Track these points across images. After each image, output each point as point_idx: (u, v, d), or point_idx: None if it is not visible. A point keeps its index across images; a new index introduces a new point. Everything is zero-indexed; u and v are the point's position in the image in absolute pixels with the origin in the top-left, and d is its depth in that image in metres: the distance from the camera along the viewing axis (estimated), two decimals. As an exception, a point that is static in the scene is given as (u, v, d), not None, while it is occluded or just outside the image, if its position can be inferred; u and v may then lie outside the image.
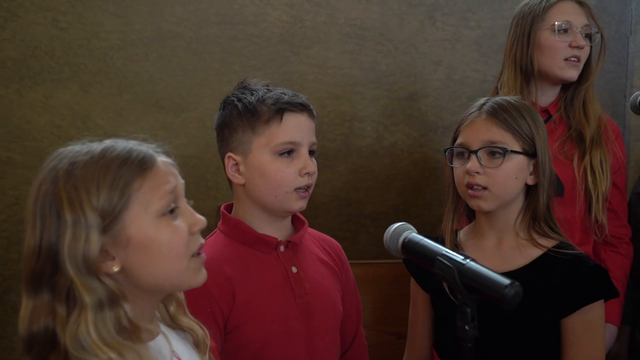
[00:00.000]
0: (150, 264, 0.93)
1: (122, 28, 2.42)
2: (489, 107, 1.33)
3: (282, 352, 1.30)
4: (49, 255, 0.88)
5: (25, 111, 2.41)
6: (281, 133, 1.31)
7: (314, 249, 1.44)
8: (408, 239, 1.11)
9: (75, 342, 0.86)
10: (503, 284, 0.91)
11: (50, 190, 0.90)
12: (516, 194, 1.31)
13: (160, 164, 0.96)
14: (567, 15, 1.67)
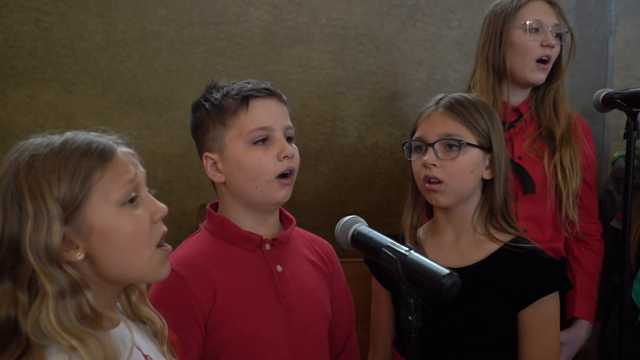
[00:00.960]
0: (113, 253, 0.94)
1: (106, 28, 2.42)
2: (446, 101, 1.35)
3: (264, 354, 1.27)
4: (11, 245, 0.89)
5: (8, 111, 2.42)
6: (250, 120, 1.28)
7: (303, 249, 1.40)
8: (357, 231, 1.12)
9: (37, 329, 0.87)
10: (441, 274, 0.92)
11: (12, 182, 0.91)
12: (473, 188, 1.32)
13: (120, 154, 0.97)
14: (538, 15, 1.68)
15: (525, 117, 1.73)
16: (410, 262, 0.97)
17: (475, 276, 1.29)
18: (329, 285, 1.41)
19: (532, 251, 1.29)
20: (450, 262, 1.32)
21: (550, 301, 1.28)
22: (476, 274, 1.29)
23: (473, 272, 1.30)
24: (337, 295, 1.43)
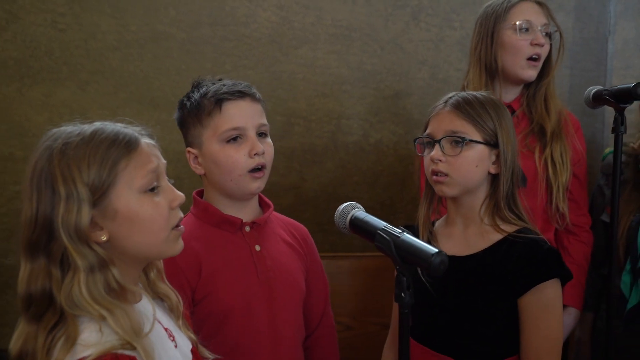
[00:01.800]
0: (134, 234, 1.03)
1: (118, 29, 2.50)
2: (454, 100, 1.41)
3: (243, 324, 1.39)
4: (45, 224, 0.98)
5: (25, 109, 2.50)
6: (223, 121, 1.40)
7: (279, 231, 1.53)
8: (354, 216, 1.20)
9: (70, 300, 0.96)
10: (430, 253, 1.00)
11: (46, 167, 0.99)
12: (478, 181, 1.39)
13: (144, 145, 1.06)
14: (528, 15, 1.75)
15: (517, 113, 1.79)
16: (402, 243, 1.05)
17: (478, 264, 1.36)
18: (304, 263, 1.53)
19: (534, 241, 1.35)
20: (457, 251, 1.40)
21: (549, 288, 1.33)
22: (479, 262, 1.36)
23: (476, 260, 1.36)
24: (311, 273, 1.56)
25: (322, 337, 1.60)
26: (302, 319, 1.52)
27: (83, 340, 0.95)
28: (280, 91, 2.55)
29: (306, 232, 1.60)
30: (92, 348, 0.94)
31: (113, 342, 0.96)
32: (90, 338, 0.96)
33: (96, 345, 0.95)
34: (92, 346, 0.95)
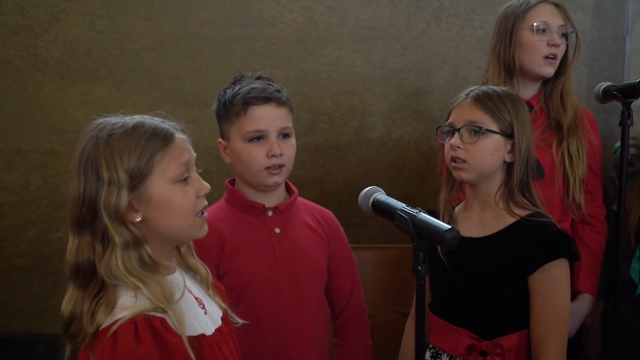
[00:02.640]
0: (165, 218, 1.15)
1: (153, 30, 2.63)
2: (474, 93, 1.51)
3: (262, 298, 1.52)
4: (90, 205, 1.10)
5: (65, 107, 2.65)
6: (247, 123, 1.53)
7: (304, 216, 1.65)
8: (376, 199, 1.31)
9: (108, 272, 1.09)
10: (443, 229, 1.11)
11: (92, 154, 1.11)
12: (493, 168, 1.48)
13: (178, 140, 1.18)
14: (545, 17, 1.82)
15: (535, 109, 1.87)
16: (419, 221, 1.15)
17: (493, 245, 1.46)
18: (326, 247, 1.64)
19: (544, 224, 1.44)
20: (473, 233, 1.50)
21: (557, 267, 1.42)
22: (493, 243, 1.46)
23: (491, 241, 1.46)
24: (337, 256, 1.66)
25: (352, 317, 1.69)
26: (322, 297, 1.63)
27: (120, 304, 1.08)
28: (306, 89, 2.65)
29: (332, 217, 1.71)
30: (127, 310, 1.07)
31: (146, 305, 1.08)
32: (126, 302, 1.08)
33: (131, 308, 1.07)
34: (127, 309, 1.07)
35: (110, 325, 1.06)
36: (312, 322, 1.59)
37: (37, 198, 2.72)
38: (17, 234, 2.72)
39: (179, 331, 1.09)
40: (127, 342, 1.04)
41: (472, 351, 1.46)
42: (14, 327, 2.79)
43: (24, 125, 2.66)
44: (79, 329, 1.08)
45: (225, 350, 1.20)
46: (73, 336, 1.09)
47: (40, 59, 2.62)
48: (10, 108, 2.65)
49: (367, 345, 1.72)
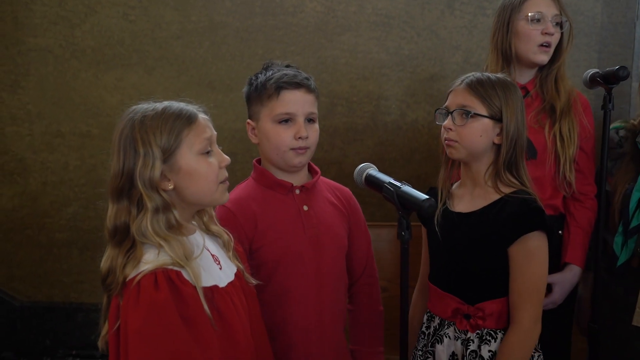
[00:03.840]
0: (192, 185, 1.32)
1: (181, 19, 2.78)
2: (469, 80, 1.62)
3: (292, 271, 1.64)
4: (128, 176, 1.28)
5: (100, 92, 2.84)
6: (279, 106, 1.62)
7: (326, 194, 1.75)
8: (368, 174, 1.46)
9: (139, 231, 1.26)
10: (421, 199, 1.26)
11: (129, 133, 1.29)
12: (483, 148, 1.59)
13: (201, 119, 1.34)
14: (540, 7, 1.91)
15: (531, 93, 1.97)
16: (402, 192, 1.30)
17: (479, 219, 1.58)
18: (346, 221, 1.76)
19: (524, 200, 1.55)
20: (463, 208, 1.62)
21: (533, 239, 1.53)
22: (479, 217, 1.58)
23: (477, 215, 1.59)
24: (354, 230, 1.78)
25: (366, 285, 1.82)
26: (344, 269, 1.75)
27: (145, 259, 1.26)
28: (325, 75, 2.78)
29: (350, 194, 1.82)
30: (150, 264, 1.24)
31: (166, 260, 1.25)
32: (150, 257, 1.26)
33: (153, 262, 1.25)
34: (150, 263, 1.25)
35: (135, 276, 1.23)
36: (335, 291, 1.72)
37: (75, 177, 2.92)
38: (57, 210, 2.94)
39: (194, 283, 1.26)
40: (148, 289, 1.21)
41: (457, 314, 1.59)
42: (56, 296, 3.01)
43: (63, 110, 2.85)
44: (113, 280, 1.26)
45: (236, 300, 1.36)
46: (109, 287, 1.27)
47: (77, 48, 2.81)
48: (51, 94, 2.84)
49: (379, 310, 1.84)
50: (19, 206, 2.94)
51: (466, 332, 1.58)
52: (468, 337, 1.58)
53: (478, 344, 1.57)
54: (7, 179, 2.92)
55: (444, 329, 1.62)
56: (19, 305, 3.00)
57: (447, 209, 1.66)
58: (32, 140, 2.89)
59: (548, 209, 1.92)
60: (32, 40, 2.81)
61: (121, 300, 1.24)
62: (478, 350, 1.57)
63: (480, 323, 1.56)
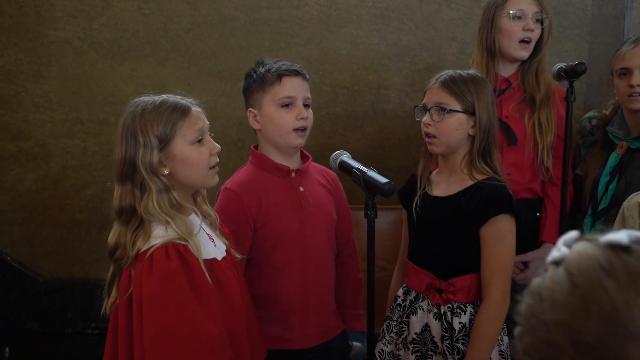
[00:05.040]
0: (185, 171, 1.48)
1: (191, 13, 2.93)
2: (443, 78, 1.75)
3: (291, 245, 1.82)
4: (130, 162, 1.44)
5: (116, 82, 3.00)
6: (281, 90, 1.80)
7: (316, 176, 1.94)
8: (342, 160, 1.62)
9: (146, 211, 1.42)
10: (383, 182, 1.43)
11: (131, 124, 1.45)
12: (459, 141, 1.73)
13: (194, 112, 1.50)
14: (521, 5, 2.04)
15: (513, 85, 2.10)
16: (367, 177, 1.46)
17: (453, 202, 1.73)
18: (334, 200, 1.94)
19: (494, 186, 1.69)
20: (440, 193, 1.77)
21: (502, 221, 1.67)
22: (453, 201, 1.73)
23: (452, 199, 1.73)
24: (340, 207, 1.96)
25: (348, 256, 2.01)
26: (334, 242, 1.95)
27: (155, 235, 1.42)
28: (327, 65, 2.92)
29: (335, 176, 1.99)
30: (160, 239, 1.41)
31: (173, 235, 1.42)
32: (159, 233, 1.42)
33: (163, 237, 1.41)
34: (160, 237, 1.41)
35: (147, 249, 1.40)
36: (329, 261, 1.91)
37: (93, 162, 3.10)
38: (77, 192, 3.12)
39: (197, 255, 1.43)
40: (160, 260, 1.38)
41: (430, 288, 1.75)
42: (77, 273, 3.20)
43: (82, 98, 3.02)
44: (123, 254, 1.43)
45: (229, 273, 1.54)
46: (117, 259, 1.44)
47: (94, 40, 2.97)
48: (70, 83, 3.01)
49: (359, 278, 2.01)
50: (42, 188, 3.13)
51: (439, 306, 1.73)
52: (440, 309, 1.73)
53: (450, 316, 1.72)
54: (30, 163, 3.11)
55: (418, 302, 1.78)
56: (43, 281, 3.20)
57: (426, 194, 1.80)
58: (54, 126, 3.06)
59: (527, 192, 2.07)
60: (53, 33, 2.97)
61: (133, 270, 1.40)
62: (450, 322, 1.72)
63: (451, 297, 1.71)
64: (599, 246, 0.75)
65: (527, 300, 0.79)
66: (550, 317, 0.74)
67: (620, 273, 0.72)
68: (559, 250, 0.78)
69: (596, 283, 0.72)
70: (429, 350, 1.73)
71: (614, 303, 0.70)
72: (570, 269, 0.75)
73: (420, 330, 1.75)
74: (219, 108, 2.89)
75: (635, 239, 0.75)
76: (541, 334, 0.75)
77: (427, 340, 1.74)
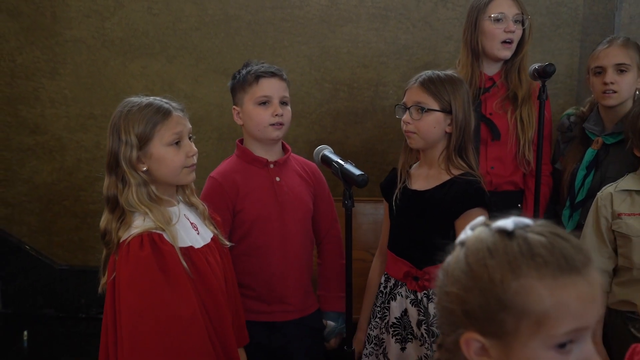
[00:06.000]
0: (160, 169, 1.60)
1: (199, 13, 3.06)
2: (422, 79, 1.86)
3: (265, 229, 1.98)
4: (114, 157, 1.58)
5: (127, 78, 3.14)
6: (258, 90, 1.97)
7: (296, 168, 2.09)
8: (323, 153, 1.74)
9: (127, 202, 1.55)
10: (357, 174, 1.55)
11: (116, 123, 1.59)
12: (437, 137, 1.83)
13: (175, 116, 1.61)
14: (502, 8, 2.14)
15: (497, 83, 2.20)
16: (344, 169, 1.59)
17: (431, 196, 1.83)
18: (311, 190, 2.09)
19: (468, 181, 1.80)
20: (419, 186, 1.88)
21: (475, 214, 1.72)
22: (431, 195, 1.83)
23: (430, 193, 1.84)
24: (319, 197, 2.11)
25: (330, 243, 2.14)
26: (309, 228, 2.09)
27: (134, 225, 1.55)
28: (328, 63, 3.04)
29: (315, 168, 2.12)
30: (138, 229, 1.54)
31: (150, 225, 1.54)
32: (138, 223, 1.55)
33: (140, 227, 1.54)
34: (138, 227, 1.54)
35: (127, 238, 1.54)
36: (301, 246, 2.05)
37: (105, 155, 3.23)
38: (90, 184, 3.27)
39: (173, 243, 1.55)
40: (134, 248, 1.52)
41: (408, 276, 1.86)
42: (90, 261, 3.31)
43: (95, 94, 3.17)
44: (110, 239, 1.57)
45: (211, 260, 1.66)
46: (107, 244, 1.58)
47: (107, 39, 3.11)
48: (84, 80, 3.16)
49: (341, 264, 2.10)
50: (57, 180, 3.29)
51: (415, 292, 1.85)
52: (417, 296, 1.84)
53: (426, 302, 1.83)
54: (47, 156, 3.27)
55: (397, 288, 1.89)
56: (58, 269, 3.36)
57: (406, 187, 1.91)
58: (68, 121, 3.22)
59: (509, 185, 2.19)
60: (68, 32, 3.13)
61: (116, 256, 1.55)
62: (426, 307, 1.82)
63: (427, 284, 1.82)
64: (491, 231, 0.89)
65: (439, 274, 0.94)
66: (450, 289, 0.89)
67: (501, 254, 0.86)
68: (465, 233, 0.92)
69: (481, 262, 0.86)
70: (408, 334, 1.85)
71: (493, 279, 0.84)
72: (467, 250, 0.90)
73: (399, 315, 1.87)
74: (224, 104, 3.02)
75: (519, 225, 0.88)
76: (443, 302, 0.91)
77: (406, 325, 1.85)
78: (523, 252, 0.85)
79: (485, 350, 0.87)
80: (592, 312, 0.85)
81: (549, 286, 0.83)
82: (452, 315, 0.90)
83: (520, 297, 0.83)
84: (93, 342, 3.25)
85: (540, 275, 0.84)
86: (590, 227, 1.94)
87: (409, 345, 1.85)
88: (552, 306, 0.83)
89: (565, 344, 0.83)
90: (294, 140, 3.03)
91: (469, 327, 0.87)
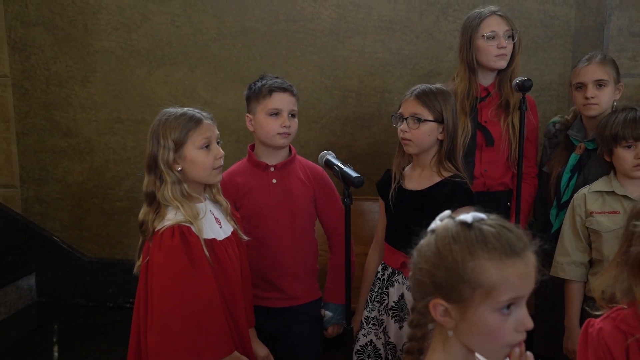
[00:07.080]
0: (193, 170, 1.83)
1: (218, 25, 3.29)
2: (417, 92, 2.07)
3: (263, 224, 2.20)
4: (153, 158, 1.80)
5: (152, 86, 3.38)
6: (270, 103, 2.19)
7: (298, 172, 2.28)
8: (326, 158, 1.97)
9: (163, 197, 1.78)
10: (354, 176, 1.77)
11: (157, 128, 1.82)
12: (430, 144, 2.05)
13: (205, 124, 1.85)
14: (493, 27, 2.34)
15: (492, 93, 2.41)
16: (343, 172, 1.81)
17: (423, 196, 2.05)
18: (311, 193, 2.29)
19: (457, 182, 2.01)
20: (413, 187, 2.10)
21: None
22: (424, 195, 2.05)
23: (422, 193, 2.06)
24: (323, 198, 2.31)
25: (337, 240, 2.33)
26: (309, 226, 2.30)
27: (167, 217, 1.78)
28: (338, 71, 3.26)
29: (319, 171, 2.32)
30: (170, 221, 1.77)
31: (181, 218, 1.77)
32: (170, 216, 1.78)
33: (173, 219, 1.77)
34: (170, 220, 1.77)
35: (160, 228, 1.77)
36: (300, 242, 2.27)
37: (132, 156, 3.50)
38: (117, 183, 3.53)
39: (199, 235, 1.79)
40: (166, 238, 1.75)
41: (404, 267, 2.06)
42: (117, 254, 3.62)
43: (122, 100, 3.42)
44: (146, 228, 1.80)
45: (230, 251, 1.90)
46: (143, 232, 1.82)
47: (134, 49, 3.36)
48: (112, 87, 3.41)
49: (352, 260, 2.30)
50: (87, 179, 3.55)
51: (411, 279, 2.08)
52: None
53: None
54: (77, 157, 3.53)
55: (395, 276, 2.11)
56: (88, 261, 3.62)
57: (400, 187, 2.13)
58: (98, 125, 3.47)
59: (500, 186, 2.41)
60: (98, 43, 3.38)
61: (151, 243, 1.78)
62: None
63: None
64: (455, 222, 1.15)
65: (414, 254, 1.18)
66: (422, 266, 1.14)
67: (462, 240, 1.11)
68: (436, 223, 1.17)
69: (447, 246, 1.12)
70: (405, 315, 2.08)
71: (455, 259, 1.09)
72: (436, 236, 1.15)
73: (397, 299, 2.09)
74: (241, 109, 3.20)
75: (476, 219, 1.13)
76: (417, 276, 1.16)
77: (403, 307, 2.08)
78: (478, 240, 1.10)
79: (447, 312, 1.12)
80: (527, 286, 1.10)
81: (496, 266, 1.08)
82: (423, 286, 1.14)
83: (475, 273, 1.08)
84: (119, 328, 3.51)
85: (490, 257, 1.08)
86: (567, 224, 2.16)
87: (406, 324, 2.07)
88: (498, 280, 1.07)
89: (507, 307, 1.08)
90: (306, 143, 3.27)
91: (436, 295, 1.12)
